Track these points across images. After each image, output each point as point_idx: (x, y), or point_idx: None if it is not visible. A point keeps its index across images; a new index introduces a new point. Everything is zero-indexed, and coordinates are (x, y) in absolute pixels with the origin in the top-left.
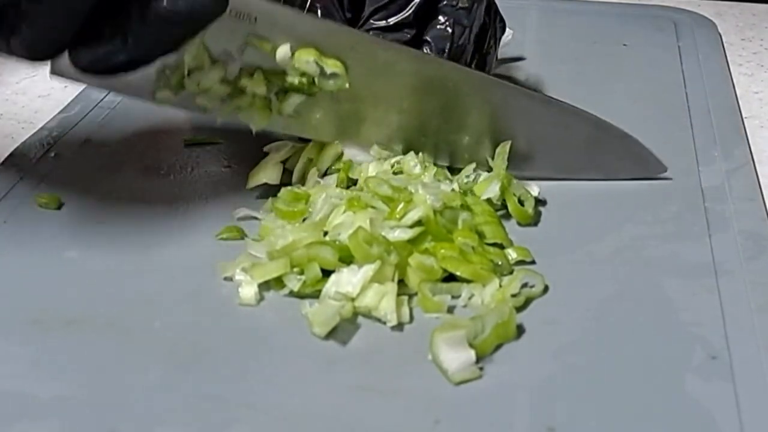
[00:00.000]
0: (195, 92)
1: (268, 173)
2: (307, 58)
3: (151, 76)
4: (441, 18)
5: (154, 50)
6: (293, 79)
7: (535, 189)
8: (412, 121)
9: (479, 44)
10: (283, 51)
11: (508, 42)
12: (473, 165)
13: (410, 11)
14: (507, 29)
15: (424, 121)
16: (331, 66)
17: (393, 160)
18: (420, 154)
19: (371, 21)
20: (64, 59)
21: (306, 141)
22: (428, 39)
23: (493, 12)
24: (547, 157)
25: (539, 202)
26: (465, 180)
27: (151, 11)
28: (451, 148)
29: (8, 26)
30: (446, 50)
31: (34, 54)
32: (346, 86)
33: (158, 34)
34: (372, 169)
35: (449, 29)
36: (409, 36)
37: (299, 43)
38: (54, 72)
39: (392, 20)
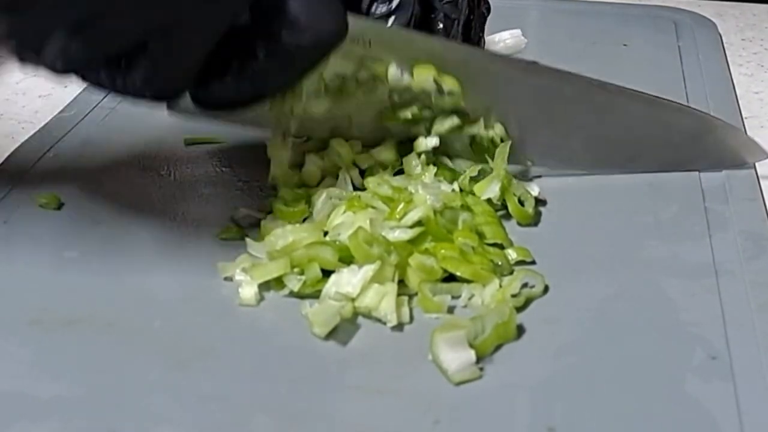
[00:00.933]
0: (302, 117)
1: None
2: (426, 76)
3: (266, 105)
4: (433, 15)
5: (279, 84)
6: (405, 111)
7: (535, 189)
8: (523, 130)
9: (466, 32)
10: (394, 71)
11: (522, 50)
12: (479, 166)
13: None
14: (521, 37)
15: (534, 129)
16: (449, 83)
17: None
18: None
19: None
20: (185, 101)
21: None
22: None
23: None
24: (652, 154)
25: (539, 202)
26: (466, 180)
27: (277, 47)
28: (562, 154)
29: (132, 67)
30: None
31: (159, 94)
32: (462, 104)
33: (284, 68)
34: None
35: (441, 25)
36: None
37: (412, 62)
38: (172, 109)
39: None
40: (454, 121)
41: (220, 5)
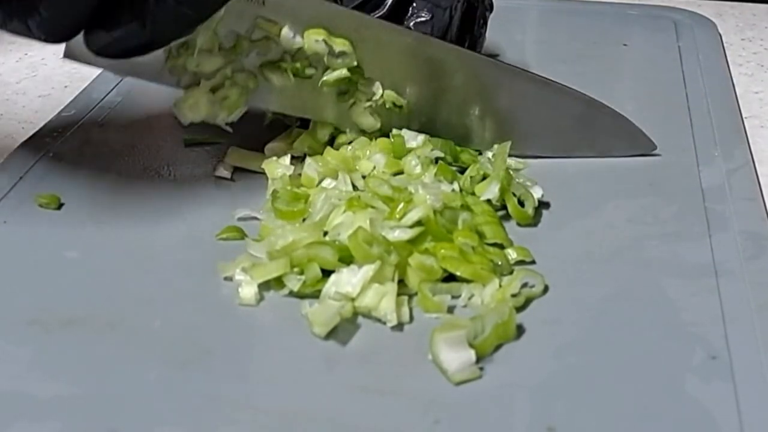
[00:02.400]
0: (197, 73)
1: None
2: (316, 38)
3: (160, 58)
4: (417, 5)
5: (170, 33)
6: (293, 66)
7: (538, 191)
8: (413, 102)
9: (467, 25)
10: (287, 32)
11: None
12: (477, 165)
13: (386, 8)
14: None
15: (423, 101)
16: (340, 44)
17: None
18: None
19: None
20: (78, 42)
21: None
22: (409, 27)
23: None
24: (541, 136)
25: (542, 204)
26: (467, 181)
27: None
28: (451, 128)
29: (26, 8)
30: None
31: (52, 35)
32: (354, 64)
33: (174, 16)
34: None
35: (428, 14)
36: None
37: (305, 25)
38: (67, 55)
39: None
40: (342, 72)
41: None
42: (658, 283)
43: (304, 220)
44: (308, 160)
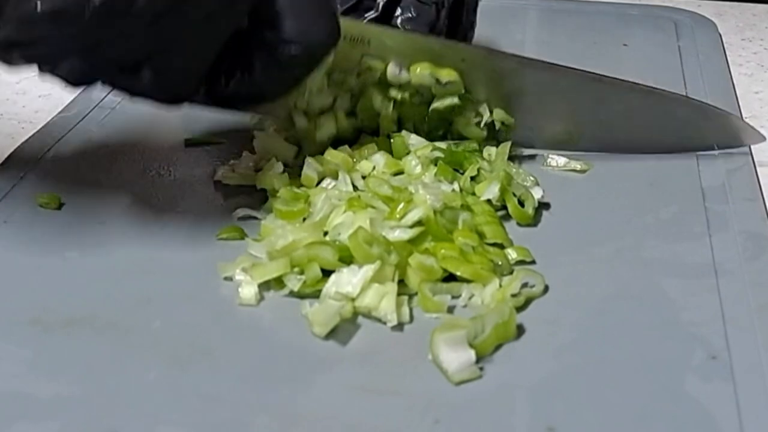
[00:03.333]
0: (304, 111)
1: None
2: (423, 72)
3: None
4: (404, 3)
5: (276, 91)
6: (402, 95)
7: (538, 191)
8: (524, 119)
9: (455, 19)
10: (393, 68)
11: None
12: (476, 165)
13: (379, 8)
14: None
15: (530, 118)
16: (446, 75)
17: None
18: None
19: None
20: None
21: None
22: (396, 25)
23: None
24: (648, 141)
25: (542, 205)
26: (467, 181)
27: (272, 58)
28: (562, 140)
29: (140, 77)
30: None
31: (168, 99)
32: (462, 91)
33: (280, 77)
34: None
35: (413, 11)
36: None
37: (410, 60)
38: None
39: (362, 19)
40: (453, 100)
41: (219, 25)
42: (658, 283)
43: (304, 220)
44: (308, 160)
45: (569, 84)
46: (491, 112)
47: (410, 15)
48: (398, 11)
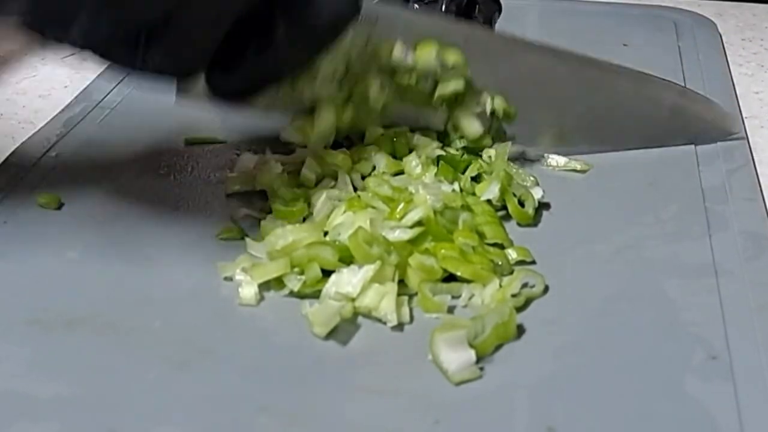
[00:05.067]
0: (312, 100)
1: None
2: (429, 52)
3: (278, 92)
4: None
5: (297, 64)
6: (408, 80)
7: (538, 191)
8: (521, 107)
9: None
10: (399, 49)
11: None
12: (476, 165)
13: None
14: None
15: (529, 107)
16: (452, 58)
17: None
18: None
19: None
20: (195, 87)
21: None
22: None
23: None
24: (635, 129)
25: (542, 205)
26: (467, 181)
27: (295, 26)
28: (553, 131)
29: (148, 40)
30: None
31: (177, 70)
32: (467, 75)
33: (302, 47)
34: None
35: (416, 6)
36: None
37: (416, 40)
38: (183, 94)
39: None
40: (459, 84)
41: None
42: (658, 283)
43: (304, 220)
44: (308, 160)
45: (566, 69)
46: (492, 100)
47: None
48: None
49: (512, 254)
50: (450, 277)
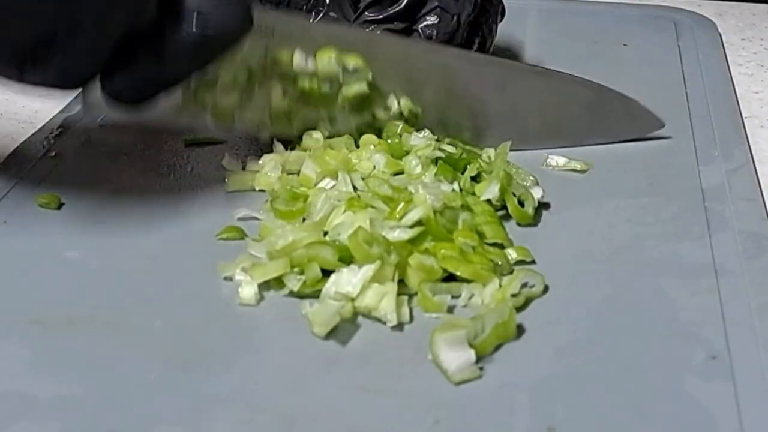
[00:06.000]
0: (213, 110)
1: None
2: (328, 57)
3: (179, 100)
4: (427, 8)
5: (186, 72)
6: (310, 84)
7: (538, 191)
8: (427, 108)
9: (475, 29)
10: (299, 57)
11: None
12: (476, 165)
13: (402, 5)
14: None
15: (435, 106)
16: (352, 61)
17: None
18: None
19: (365, 14)
20: (95, 95)
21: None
22: (417, 29)
23: None
24: (551, 127)
25: (542, 204)
26: (467, 181)
27: (182, 37)
28: (462, 129)
29: (35, 57)
30: (432, 38)
31: (67, 84)
32: (370, 78)
33: (190, 57)
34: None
35: (435, 18)
36: (399, 28)
37: (315, 48)
38: (88, 111)
39: (383, 14)
40: (362, 86)
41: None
42: (658, 283)
43: (304, 220)
44: (307, 160)
45: (474, 69)
46: (398, 102)
47: (431, 21)
48: (422, 12)
49: (512, 254)
50: (450, 277)
